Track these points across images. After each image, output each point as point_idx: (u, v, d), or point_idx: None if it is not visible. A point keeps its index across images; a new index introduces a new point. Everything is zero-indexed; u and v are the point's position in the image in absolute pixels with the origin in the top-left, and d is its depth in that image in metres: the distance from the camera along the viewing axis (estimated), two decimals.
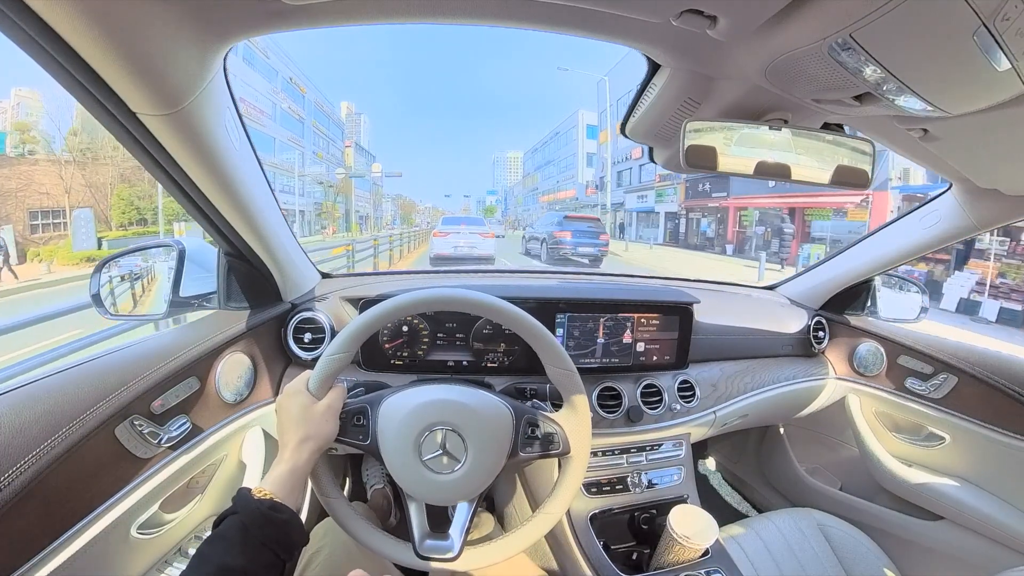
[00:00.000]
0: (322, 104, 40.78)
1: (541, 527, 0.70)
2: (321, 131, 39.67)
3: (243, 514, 0.53)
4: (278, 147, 29.13)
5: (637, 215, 28.71)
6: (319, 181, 36.31)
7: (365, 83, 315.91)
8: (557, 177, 53.96)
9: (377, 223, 61.90)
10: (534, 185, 69.68)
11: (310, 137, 36.20)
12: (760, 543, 1.06)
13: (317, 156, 37.57)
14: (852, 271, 1.30)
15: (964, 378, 1.11)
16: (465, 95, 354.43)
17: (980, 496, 1.09)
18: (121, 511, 0.66)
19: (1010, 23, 0.39)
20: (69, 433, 0.58)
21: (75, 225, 15.67)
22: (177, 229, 16.16)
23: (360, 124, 72.83)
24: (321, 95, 40.59)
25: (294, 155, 30.88)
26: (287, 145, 30.84)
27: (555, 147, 54.75)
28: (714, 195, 19.66)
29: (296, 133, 32.82)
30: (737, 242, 18.46)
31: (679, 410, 1.13)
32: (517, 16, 0.54)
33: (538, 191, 65.62)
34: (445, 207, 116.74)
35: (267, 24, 0.51)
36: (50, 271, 13.51)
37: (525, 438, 0.70)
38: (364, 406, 0.69)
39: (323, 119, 40.58)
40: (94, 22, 0.42)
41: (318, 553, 0.81)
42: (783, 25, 0.48)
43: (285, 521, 0.54)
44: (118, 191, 18.98)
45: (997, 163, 0.77)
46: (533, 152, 71.35)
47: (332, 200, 39.94)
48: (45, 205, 17.29)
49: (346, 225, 44.21)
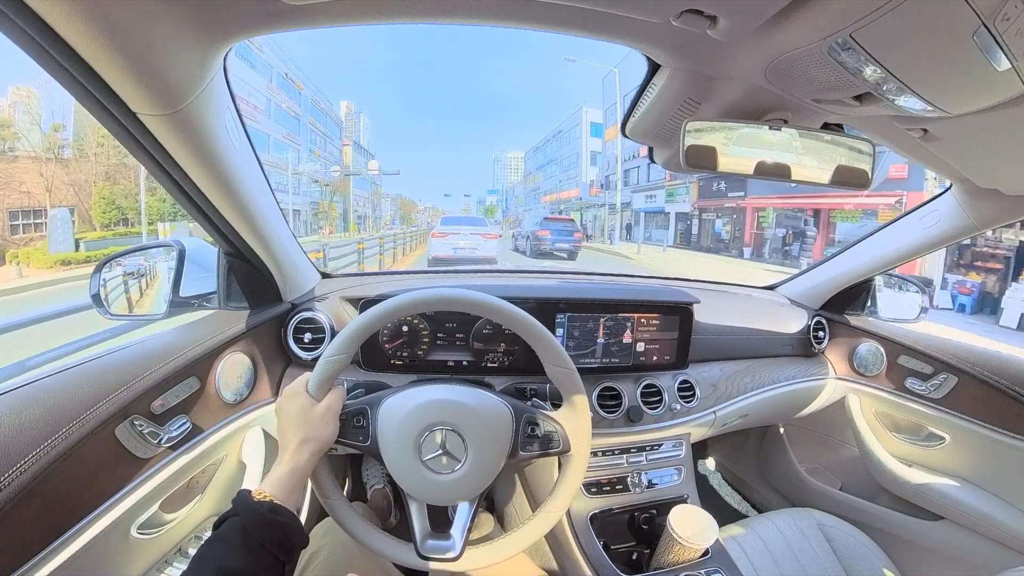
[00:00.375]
0: (319, 101, 39.94)
1: (541, 527, 0.70)
2: (318, 129, 38.97)
3: (243, 516, 0.53)
4: (272, 144, 28.69)
5: (645, 215, 27.61)
6: (315, 179, 35.80)
7: (364, 82, 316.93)
8: (560, 176, 51.80)
9: (376, 223, 60.63)
10: (536, 185, 67.35)
11: (306, 134, 35.46)
12: (760, 543, 1.06)
13: (314, 154, 36.73)
14: (852, 271, 1.30)
15: (964, 378, 1.11)
16: (465, 94, 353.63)
17: (980, 496, 1.09)
18: (121, 511, 0.66)
19: (1010, 23, 0.39)
20: (69, 433, 0.58)
21: (51, 225, 14.81)
22: (162, 230, 15.71)
23: (359, 123, 72.04)
24: (318, 92, 39.76)
25: (288, 153, 30.41)
26: (282, 143, 30.37)
27: (557, 146, 53.11)
28: (730, 195, 18.97)
29: (292, 130, 32.30)
30: (755, 245, 17.67)
31: (679, 410, 1.13)
32: (517, 16, 0.54)
33: (540, 191, 63.45)
34: (445, 207, 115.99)
35: (267, 24, 0.51)
36: (21, 275, 12.27)
37: (525, 437, 0.70)
38: (364, 407, 0.69)
39: (320, 116, 39.80)
40: (94, 22, 0.42)
41: (318, 553, 0.81)
42: (783, 25, 0.48)
43: (285, 523, 0.54)
44: (98, 189, 18.17)
45: (997, 163, 0.77)
46: (535, 151, 69.13)
47: (329, 199, 39.16)
48: (27, 204, 16.49)
49: (344, 225, 43.46)
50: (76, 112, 17.15)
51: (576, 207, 41.01)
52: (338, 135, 47.12)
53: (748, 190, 17.85)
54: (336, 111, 48.42)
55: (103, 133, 16.02)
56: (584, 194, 40.13)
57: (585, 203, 38.90)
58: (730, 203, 19.24)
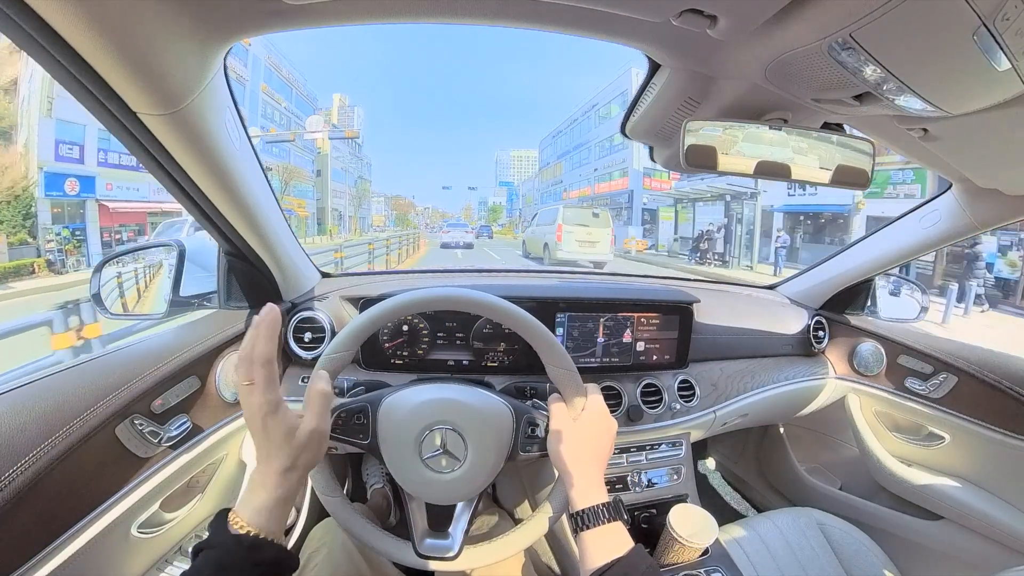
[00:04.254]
0: (279, 67, 30.94)
1: (541, 527, 0.70)
2: (276, 101, 29.92)
3: (219, 551, 0.46)
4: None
5: (786, 217, 15.81)
6: (269, 167, 28.25)
7: (360, 76, 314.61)
8: (595, 163, 34.97)
9: (362, 224, 51.28)
10: (556, 177, 49.10)
11: (256, 105, 27.30)
12: (760, 543, 1.06)
13: (269, 131, 26.17)
14: (852, 271, 1.30)
15: (964, 378, 1.11)
16: (464, 94, 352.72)
17: (980, 496, 1.09)
18: (121, 510, 0.66)
19: (1010, 23, 0.39)
20: (70, 432, 0.58)
21: None
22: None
23: (354, 117, 66.12)
24: (281, 56, 31.14)
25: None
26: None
27: (588, 127, 36.70)
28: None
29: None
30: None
31: (679, 409, 1.13)
32: (517, 16, 0.54)
33: (562, 185, 45.81)
34: (444, 201, 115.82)
35: (267, 24, 0.51)
36: None
37: (525, 437, 0.70)
38: (365, 405, 0.69)
39: (280, 87, 30.70)
40: (94, 22, 0.42)
41: (317, 552, 0.81)
42: (783, 25, 0.48)
43: (271, 561, 0.48)
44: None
45: (997, 163, 0.77)
46: (555, 137, 49.86)
47: (282, 190, 28.26)
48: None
49: (317, 227, 35.43)
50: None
51: (614, 204, 28.65)
52: (309, 112, 36.03)
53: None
54: (307, 86, 37.13)
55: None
56: (636, 184, 27.89)
57: (659, 199, 25.02)
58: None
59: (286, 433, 0.52)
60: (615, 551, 0.53)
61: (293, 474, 0.52)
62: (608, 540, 0.55)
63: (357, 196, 48.74)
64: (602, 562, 0.52)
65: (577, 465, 0.62)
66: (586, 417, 0.66)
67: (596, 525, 0.57)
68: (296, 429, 0.53)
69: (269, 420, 0.51)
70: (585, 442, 0.64)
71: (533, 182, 63.25)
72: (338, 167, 43.15)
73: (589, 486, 0.61)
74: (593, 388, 0.70)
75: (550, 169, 52.91)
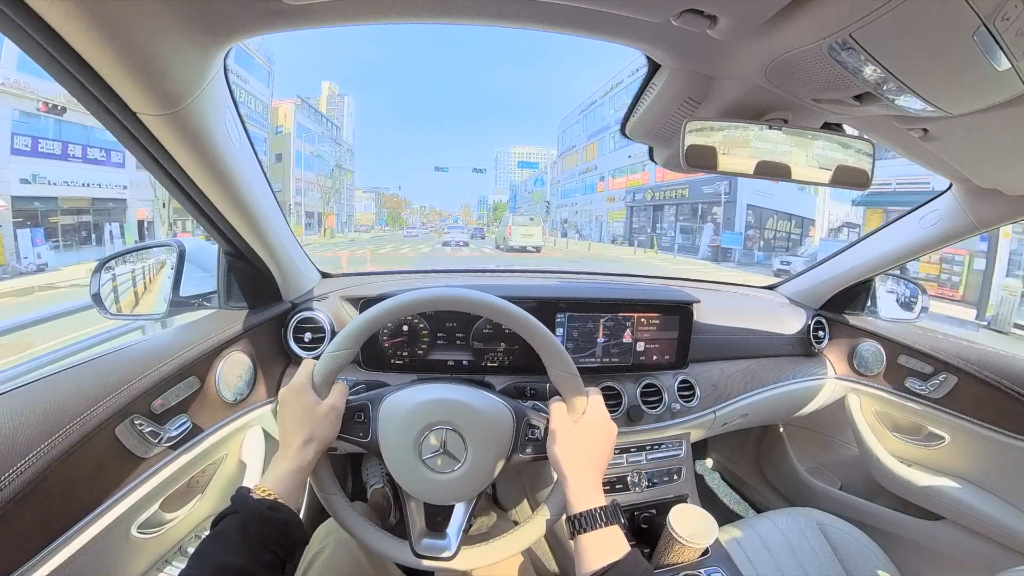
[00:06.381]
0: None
1: (539, 528, 0.70)
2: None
3: (242, 513, 0.52)
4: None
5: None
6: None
7: (353, 67, 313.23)
8: (628, 150, 27.76)
9: (340, 220, 41.20)
10: (585, 163, 37.80)
11: None
12: (760, 543, 1.06)
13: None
14: (852, 271, 1.30)
15: (964, 378, 1.11)
16: (465, 93, 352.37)
17: (980, 496, 1.09)
18: (121, 511, 0.66)
19: (1010, 23, 0.39)
20: (69, 432, 0.58)
21: None
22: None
23: (344, 106, 61.59)
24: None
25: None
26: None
27: (614, 107, 29.68)
28: None
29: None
30: None
31: (679, 410, 1.13)
32: (517, 16, 0.54)
33: (596, 172, 35.18)
34: (439, 185, 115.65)
35: (267, 24, 0.51)
36: None
37: (525, 439, 0.69)
38: (365, 403, 0.69)
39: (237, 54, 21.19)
40: (94, 22, 0.42)
41: (320, 553, 0.81)
42: (783, 25, 0.48)
43: (285, 520, 0.54)
44: None
45: (997, 163, 0.77)
46: (583, 114, 37.75)
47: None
48: None
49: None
50: None
51: (645, 201, 24.95)
52: (266, 83, 27.62)
53: None
54: (266, 52, 27.76)
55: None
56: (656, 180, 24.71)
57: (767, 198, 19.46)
58: None
59: (307, 407, 0.62)
60: (611, 555, 0.53)
61: (310, 447, 0.61)
62: (605, 544, 0.55)
63: (332, 188, 37.98)
64: (598, 566, 0.53)
65: (575, 468, 0.62)
66: (586, 420, 0.66)
67: (593, 529, 0.57)
68: (317, 404, 0.63)
69: (306, 393, 0.63)
70: (584, 445, 0.64)
71: (559, 167, 48.72)
72: (307, 151, 33.89)
73: (587, 489, 0.60)
74: (594, 391, 0.69)
75: (573, 154, 41.47)
